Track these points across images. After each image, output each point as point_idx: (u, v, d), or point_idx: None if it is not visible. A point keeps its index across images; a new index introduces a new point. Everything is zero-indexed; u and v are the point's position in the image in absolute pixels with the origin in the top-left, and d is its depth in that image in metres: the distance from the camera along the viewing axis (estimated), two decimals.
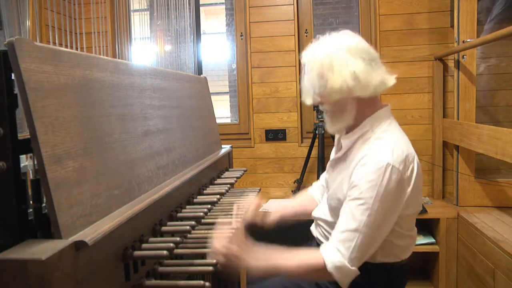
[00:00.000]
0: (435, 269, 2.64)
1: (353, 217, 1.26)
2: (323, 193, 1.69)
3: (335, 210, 1.40)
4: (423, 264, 2.84)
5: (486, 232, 2.09)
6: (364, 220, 1.24)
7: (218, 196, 1.55)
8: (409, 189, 1.28)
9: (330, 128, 1.44)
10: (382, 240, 1.29)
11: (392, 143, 1.30)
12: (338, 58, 1.31)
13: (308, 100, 1.42)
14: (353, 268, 1.24)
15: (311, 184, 1.81)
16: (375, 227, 1.25)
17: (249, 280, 1.71)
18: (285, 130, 3.13)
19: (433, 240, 2.61)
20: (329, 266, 1.24)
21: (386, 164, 1.24)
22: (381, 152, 1.27)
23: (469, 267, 2.31)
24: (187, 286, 1.05)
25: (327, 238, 1.45)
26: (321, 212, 1.53)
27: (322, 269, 1.25)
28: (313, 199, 1.72)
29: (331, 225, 1.42)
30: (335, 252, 1.26)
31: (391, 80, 1.38)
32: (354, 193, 1.27)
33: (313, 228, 1.61)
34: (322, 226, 1.52)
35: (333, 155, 1.55)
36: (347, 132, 1.42)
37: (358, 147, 1.37)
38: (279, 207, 1.72)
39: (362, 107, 1.37)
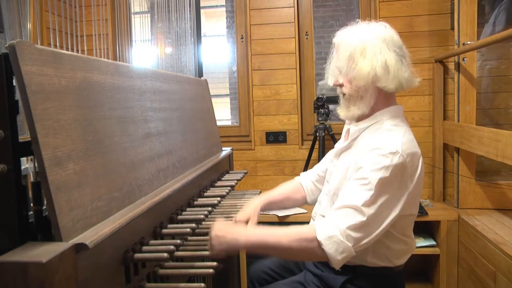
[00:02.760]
0: (435, 272, 2.63)
1: (354, 194, 1.23)
2: (315, 181, 1.66)
3: (335, 199, 1.38)
4: (423, 267, 2.83)
5: (487, 235, 2.09)
6: (367, 199, 1.21)
7: (218, 199, 1.55)
8: (411, 186, 1.27)
9: (343, 112, 1.43)
10: (380, 230, 1.24)
11: (403, 136, 1.31)
12: (373, 45, 1.32)
13: (330, 80, 1.43)
14: (348, 243, 1.19)
15: None
16: (374, 209, 1.21)
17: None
18: (285, 132, 3.13)
19: (433, 243, 2.61)
20: (320, 235, 1.19)
21: (396, 151, 1.23)
22: (392, 141, 1.27)
23: (470, 270, 2.31)
24: None
25: None
26: (320, 208, 1.52)
27: (311, 238, 1.20)
28: (301, 186, 1.68)
29: None
30: (329, 223, 1.22)
31: (416, 81, 1.40)
32: (359, 174, 1.25)
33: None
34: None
35: (337, 146, 1.53)
36: (357, 121, 1.42)
37: (365, 136, 1.37)
38: (262, 198, 1.63)
39: (380, 100, 1.38)
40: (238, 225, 1.31)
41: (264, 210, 1.59)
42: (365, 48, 1.31)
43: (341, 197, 1.28)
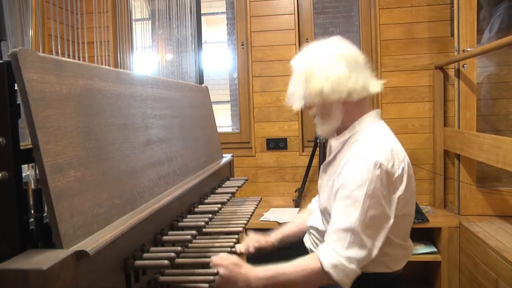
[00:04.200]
0: (437, 279, 2.62)
1: (344, 215, 1.25)
2: None
3: (327, 216, 1.39)
4: (425, 274, 2.82)
5: (488, 241, 2.09)
6: (357, 218, 1.23)
7: (219, 206, 1.55)
8: (401, 188, 1.28)
9: (319, 131, 1.46)
10: (380, 241, 1.26)
11: (380, 143, 1.32)
12: (320, 63, 1.35)
13: (295, 105, 1.45)
14: (352, 266, 1.22)
15: (312, 193, 1.81)
16: (367, 226, 1.24)
17: None
18: (286, 139, 3.14)
19: (434, 249, 2.60)
20: (326, 266, 1.23)
21: (374, 162, 1.25)
22: (369, 151, 1.29)
23: (471, 277, 2.30)
24: None
25: (317, 246, 1.44)
26: (313, 220, 1.54)
27: (319, 270, 1.24)
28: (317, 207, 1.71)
29: (322, 234, 1.41)
30: (330, 251, 1.25)
31: (376, 86, 1.41)
32: (343, 193, 1.27)
33: (305, 238, 1.61)
34: (313, 234, 1.52)
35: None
36: (337, 135, 1.44)
37: (347, 148, 1.39)
38: (282, 228, 1.71)
39: (349, 111, 1.39)
40: (244, 264, 1.32)
41: (280, 244, 1.66)
42: (312, 68, 1.35)
43: (333, 219, 1.29)
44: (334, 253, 1.24)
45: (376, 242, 1.26)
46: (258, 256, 1.61)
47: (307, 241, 1.58)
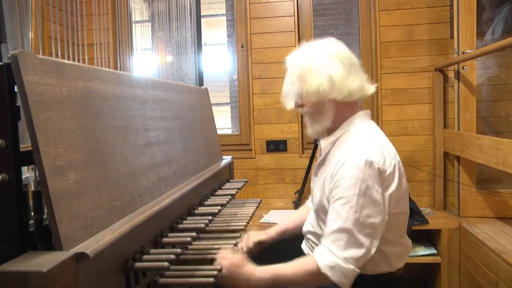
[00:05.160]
0: (437, 281, 2.62)
1: (339, 216, 1.26)
2: None
3: (321, 217, 1.39)
4: (424, 275, 2.82)
5: (488, 243, 2.08)
6: (351, 217, 1.24)
7: (219, 207, 1.55)
8: (394, 185, 1.29)
9: (309, 130, 1.48)
10: (375, 240, 1.27)
11: (369, 141, 1.33)
12: (317, 62, 1.36)
13: (289, 104, 1.48)
14: (350, 266, 1.23)
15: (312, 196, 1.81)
16: (362, 225, 1.24)
17: None
18: (286, 141, 3.14)
19: (434, 251, 2.60)
20: (322, 267, 1.24)
21: (365, 160, 1.26)
22: (359, 149, 1.30)
23: (471, 279, 2.30)
24: None
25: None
26: (309, 225, 1.54)
27: (316, 272, 1.25)
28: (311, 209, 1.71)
29: (319, 237, 1.41)
30: (326, 252, 1.26)
31: (370, 88, 1.42)
32: (337, 193, 1.28)
33: (303, 244, 1.61)
34: (310, 239, 1.51)
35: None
36: (328, 134, 1.45)
37: (337, 148, 1.39)
38: (281, 222, 1.72)
39: (341, 111, 1.40)
40: (246, 262, 1.32)
41: (280, 237, 1.67)
42: (311, 66, 1.37)
43: (328, 221, 1.30)
44: (330, 254, 1.25)
45: (373, 240, 1.26)
46: (259, 252, 1.61)
47: (305, 247, 1.58)
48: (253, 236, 1.64)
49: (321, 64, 1.36)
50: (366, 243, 1.25)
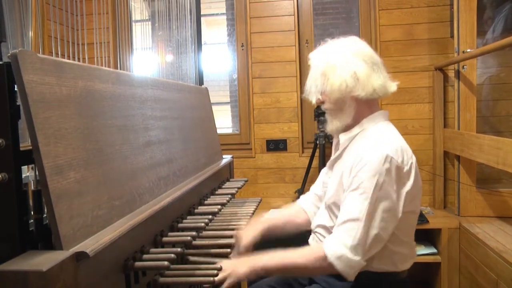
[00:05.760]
0: (437, 280, 2.62)
1: (353, 206, 1.27)
2: (316, 201, 1.66)
3: (334, 211, 1.40)
4: (425, 275, 2.82)
5: (488, 243, 2.08)
6: (365, 209, 1.25)
7: (219, 207, 1.55)
8: (409, 183, 1.30)
9: (329, 126, 1.49)
10: (386, 235, 1.28)
11: (390, 139, 1.36)
12: (341, 59, 1.39)
13: (313, 98, 1.48)
14: (356, 257, 1.24)
15: None
16: (374, 218, 1.25)
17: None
18: (286, 140, 3.14)
19: (434, 251, 2.60)
20: (330, 256, 1.25)
21: (386, 155, 1.27)
22: (380, 145, 1.32)
23: (471, 278, 2.30)
24: None
25: None
26: (319, 219, 1.52)
27: (323, 260, 1.26)
28: (302, 210, 1.68)
29: (330, 230, 1.41)
30: (336, 242, 1.26)
31: (392, 86, 1.45)
32: (354, 184, 1.29)
33: (311, 239, 1.60)
34: (319, 233, 1.51)
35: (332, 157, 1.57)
36: (345, 131, 1.46)
37: (355, 144, 1.41)
38: (266, 219, 1.63)
39: (361, 108, 1.42)
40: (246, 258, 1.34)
41: (264, 237, 1.55)
42: (335, 63, 1.39)
43: (342, 211, 1.31)
44: (339, 244, 1.25)
45: (383, 234, 1.27)
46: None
47: (313, 241, 1.57)
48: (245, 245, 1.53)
49: (345, 62, 1.38)
50: (376, 236, 1.26)
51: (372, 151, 1.30)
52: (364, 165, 1.29)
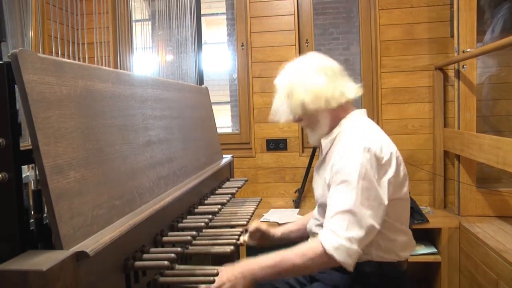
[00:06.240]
0: (437, 280, 2.62)
1: (341, 198, 1.31)
2: None
3: (324, 208, 1.43)
4: (425, 274, 2.82)
5: (488, 242, 2.08)
6: (352, 199, 1.29)
7: (219, 206, 1.55)
8: (390, 172, 1.34)
9: (310, 139, 1.58)
10: (377, 221, 1.30)
11: (367, 131, 1.42)
12: (299, 78, 1.48)
13: (282, 119, 1.56)
14: (354, 247, 1.26)
15: (312, 194, 1.82)
16: (363, 206, 1.29)
17: None
18: (286, 139, 3.14)
19: (435, 250, 2.60)
20: (328, 248, 1.26)
21: (363, 147, 1.33)
22: (357, 138, 1.38)
23: (471, 278, 2.30)
24: None
25: None
26: (313, 220, 1.56)
27: (322, 254, 1.27)
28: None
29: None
30: (330, 234, 1.29)
31: (354, 91, 1.50)
32: (337, 179, 1.34)
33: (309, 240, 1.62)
34: (315, 233, 1.52)
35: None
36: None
37: (336, 144, 1.46)
38: (282, 227, 1.77)
39: (335, 115, 1.49)
40: (244, 261, 1.35)
41: (282, 237, 1.73)
42: (293, 84, 1.48)
43: (330, 204, 1.34)
44: (334, 235, 1.27)
45: (374, 221, 1.29)
46: (259, 249, 1.62)
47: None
48: (256, 226, 1.69)
49: (301, 80, 1.46)
50: (368, 223, 1.28)
51: (351, 146, 1.35)
52: (345, 158, 1.33)
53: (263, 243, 1.72)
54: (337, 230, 1.27)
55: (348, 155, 1.34)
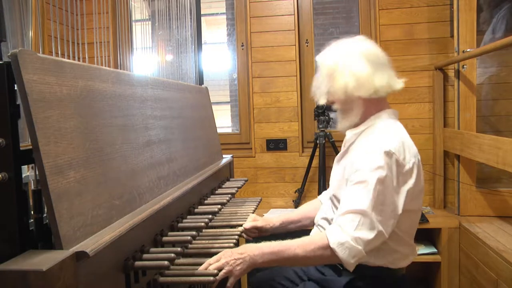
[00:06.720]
0: (437, 280, 2.62)
1: (356, 198, 1.28)
2: None
3: (336, 202, 1.42)
4: (425, 274, 2.82)
5: (488, 242, 2.08)
6: (367, 201, 1.26)
7: (219, 206, 1.55)
8: (411, 182, 1.31)
9: (339, 126, 1.53)
10: (387, 228, 1.28)
11: (393, 135, 1.37)
12: (345, 61, 1.41)
13: (322, 100, 1.51)
14: (359, 247, 1.24)
15: (312, 194, 1.81)
16: (377, 210, 1.26)
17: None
18: (286, 139, 3.13)
19: (434, 250, 2.60)
20: (332, 242, 1.25)
21: (388, 150, 1.29)
22: (384, 140, 1.33)
23: (471, 278, 2.30)
24: None
25: None
26: (322, 212, 1.54)
27: (325, 247, 1.26)
28: (319, 204, 1.71)
29: (330, 222, 1.42)
30: (338, 230, 1.27)
31: (398, 84, 1.47)
32: (356, 177, 1.31)
33: (313, 232, 1.61)
34: (321, 226, 1.52)
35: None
36: (353, 127, 1.49)
37: (360, 140, 1.43)
38: (281, 215, 1.73)
39: (368, 107, 1.44)
40: (247, 246, 1.33)
41: (281, 226, 1.68)
42: (338, 65, 1.42)
43: (343, 202, 1.32)
44: (342, 232, 1.26)
45: (384, 228, 1.27)
46: (258, 239, 1.61)
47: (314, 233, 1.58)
48: (253, 219, 1.64)
49: (348, 63, 1.40)
50: (378, 228, 1.26)
51: (374, 146, 1.32)
52: (367, 158, 1.31)
53: (261, 235, 1.68)
54: (346, 228, 1.26)
55: (370, 155, 1.31)
